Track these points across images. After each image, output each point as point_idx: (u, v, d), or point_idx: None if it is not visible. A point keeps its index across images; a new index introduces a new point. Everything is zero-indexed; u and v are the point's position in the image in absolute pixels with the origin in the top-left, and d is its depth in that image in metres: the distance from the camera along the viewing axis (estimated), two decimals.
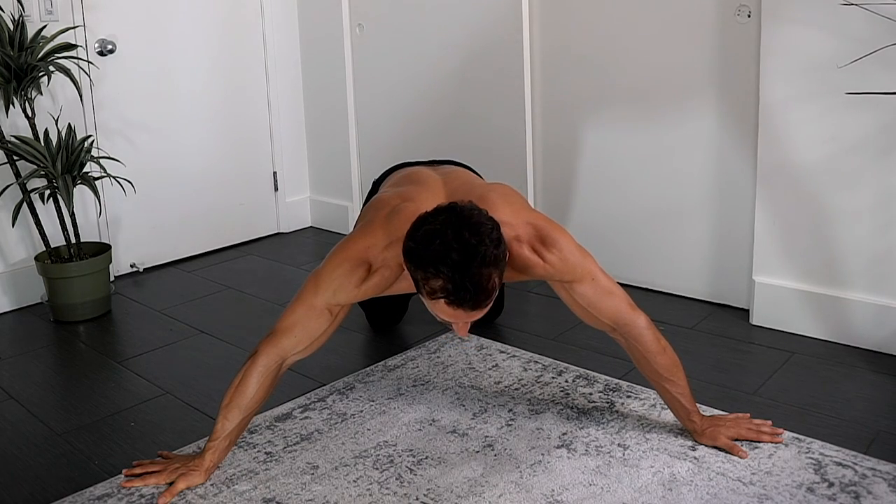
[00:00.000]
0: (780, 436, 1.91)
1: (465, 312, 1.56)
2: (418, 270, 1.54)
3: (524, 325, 2.73)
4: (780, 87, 2.45)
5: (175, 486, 1.79)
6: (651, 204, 2.93)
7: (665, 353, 1.86)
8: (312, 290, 1.81)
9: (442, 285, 1.51)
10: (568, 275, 1.81)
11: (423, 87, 3.53)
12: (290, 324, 1.81)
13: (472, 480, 1.81)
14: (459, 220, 1.54)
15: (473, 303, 1.53)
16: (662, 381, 1.87)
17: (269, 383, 1.82)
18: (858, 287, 2.42)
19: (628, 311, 1.84)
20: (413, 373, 2.37)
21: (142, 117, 3.44)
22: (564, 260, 1.79)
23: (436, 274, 1.51)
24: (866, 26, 2.23)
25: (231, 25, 3.73)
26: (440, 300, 1.54)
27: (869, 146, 2.32)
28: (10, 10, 2.89)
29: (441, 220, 1.55)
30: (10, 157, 2.85)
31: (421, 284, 1.56)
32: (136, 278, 3.43)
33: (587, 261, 1.83)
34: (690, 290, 2.89)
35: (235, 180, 3.83)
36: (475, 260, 1.50)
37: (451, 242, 1.50)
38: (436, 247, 1.50)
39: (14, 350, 2.72)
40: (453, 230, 1.51)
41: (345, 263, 1.79)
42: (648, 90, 2.85)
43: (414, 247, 1.55)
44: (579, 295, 1.82)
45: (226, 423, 1.80)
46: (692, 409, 1.90)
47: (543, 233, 1.81)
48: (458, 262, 1.49)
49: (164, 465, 1.87)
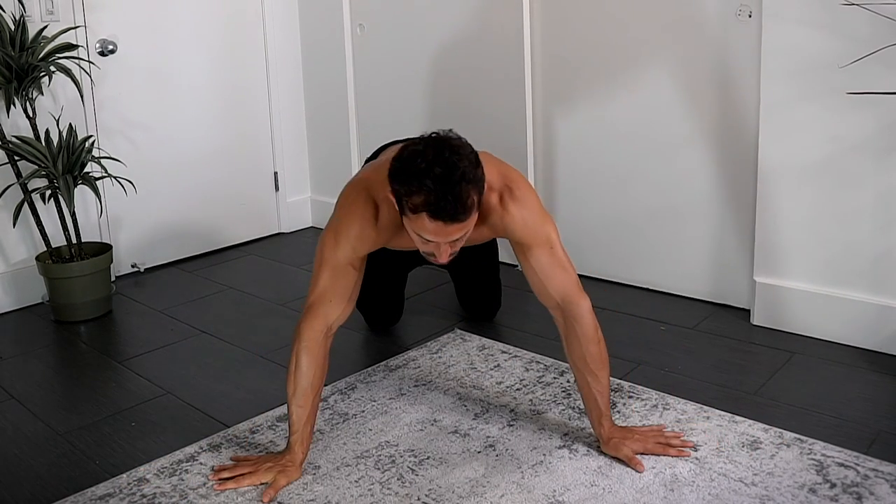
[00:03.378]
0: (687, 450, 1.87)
1: (444, 225, 1.62)
2: (402, 186, 1.62)
3: (526, 325, 2.73)
4: (780, 87, 2.45)
5: (277, 483, 1.79)
6: (651, 204, 2.93)
7: (599, 344, 1.86)
8: (332, 247, 1.85)
9: (424, 199, 1.59)
10: (525, 234, 1.85)
11: (424, 87, 3.53)
12: (321, 291, 1.85)
13: (473, 481, 1.81)
14: (441, 142, 1.65)
15: (453, 214, 1.61)
16: (587, 373, 1.85)
17: (323, 355, 1.85)
18: (859, 287, 2.42)
19: (576, 290, 1.87)
20: (415, 373, 2.37)
21: (143, 117, 3.44)
22: (524, 217, 1.84)
23: (419, 188, 1.59)
24: (867, 26, 2.23)
25: (232, 25, 3.73)
26: (422, 214, 1.61)
27: (869, 146, 2.32)
28: (12, 10, 2.89)
29: (424, 142, 1.66)
30: (11, 158, 2.85)
31: (404, 202, 1.64)
32: (136, 278, 3.43)
33: (547, 226, 1.87)
34: (691, 290, 2.89)
35: (236, 180, 3.84)
36: (455, 174, 1.59)
37: (433, 160, 1.59)
38: (418, 164, 1.60)
39: (15, 350, 2.72)
40: (435, 150, 1.62)
41: (353, 208, 1.85)
42: (648, 90, 2.85)
43: (398, 166, 1.64)
44: (535, 259, 1.86)
45: (300, 411, 1.81)
46: (605, 413, 1.87)
47: (512, 185, 1.86)
48: (441, 175, 1.58)
49: (254, 465, 1.84)
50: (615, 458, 1.86)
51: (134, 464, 1.95)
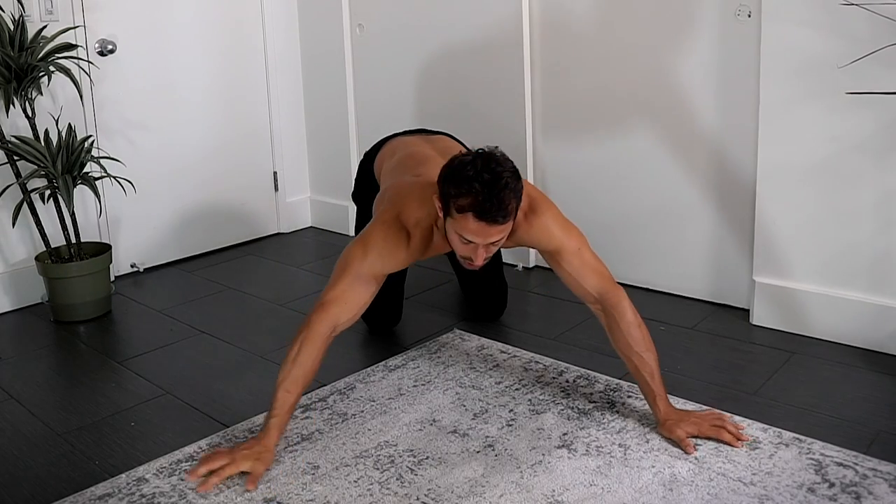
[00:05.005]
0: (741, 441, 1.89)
1: (487, 226, 1.78)
2: (452, 187, 1.79)
3: (525, 325, 2.73)
4: (780, 87, 2.45)
5: (257, 470, 1.81)
6: (651, 204, 2.93)
7: (640, 327, 1.97)
8: (360, 257, 1.95)
9: (472, 201, 1.76)
10: (553, 243, 2.01)
11: (424, 87, 3.53)
12: (339, 292, 1.93)
13: (472, 480, 1.81)
14: (488, 155, 1.82)
15: (496, 216, 1.77)
16: (633, 357, 1.95)
17: (322, 353, 1.92)
18: (859, 287, 2.42)
19: (610, 284, 2.01)
20: (414, 373, 2.37)
21: (142, 117, 3.44)
22: (549, 228, 2.01)
23: (469, 190, 1.76)
24: (866, 26, 2.23)
25: (231, 25, 3.73)
26: (468, 214, 1.77)
27: (869, 146, 2.32)
28: (11, 10, 2.89)
29: (473, 155, 1.83)
30: (10, 157, 2.85)
31: (451, 203, 1.80)
32: (136, 278, 3.43)
33: (572, 232, 2.03)
34: (691, 290, 2.89)
35: (236, 180, 3.83)
36: (501, 182, 1.76)
37: (481, 169, 1.77)
38: (468, 171, 1.78)
39: (14, 350, 2.72)
40: (483, 161, 1.80)
41: (388, 231, 1.98)
42: (649, 90, 2.85)
43: (450, 171, 1.82)
44: (567, 264, 2.02)
45: (287, 396, 1.87)
46: (658, 394, 1.93)
47: (534, 203, 2.02)
48: (488, 181, 1.75)
49: (228, 455, 1.83)
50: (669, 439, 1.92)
51: (133, 464, 1.95)
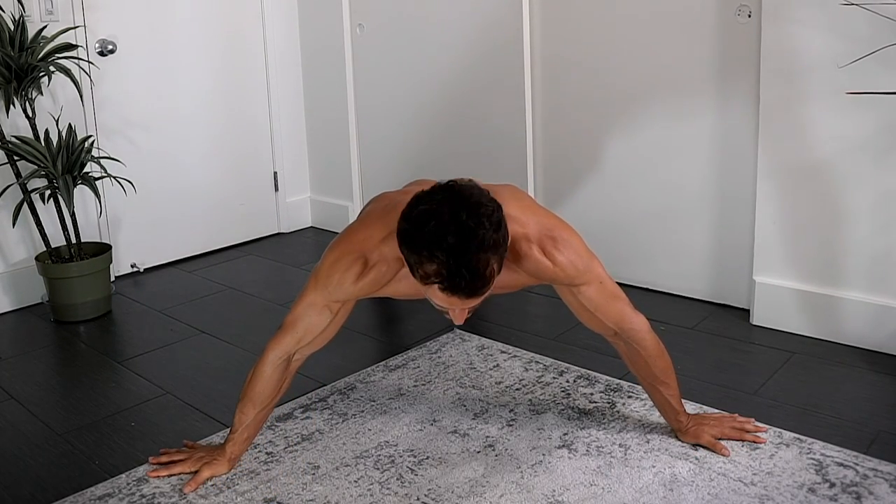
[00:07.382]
0: (762, 435, 1.91)
1: (460, 300, 1.45)
2: (412, 254, 1.44)
3: (525, 325, 2.73)
4: (780, 87, 2.45)
5: (200, 475, 1.84)
6: (651, 204, 2.93)
7: (663, 356, 1.86)
8: (313, 286, 1.79)
9: (436, 270, 1.40)
10: (576, 279, 1.74)
11: (424, 87, 3.53)
12: (292, 320, 1.81)
13: (472, 481, 1.81)
14: (457, 199, 1.42)
15: (469, 290, 1.42)
16: (658, 384, 1.87)
17: (279, 378, 1.85)
18: (859, 287, 2.42)
19: (630, 313, 1.81)
20: (414, 373, 2.37)
21: (142, 117, 3.44)
22: (573, 264, 1.71)
23: (430, 258, 1.40)
24: (866, 26, 2.23)
25: (231, 25, 3.73)
26: (434, 286, 1.44)
27: (869, 146, 2.32)
28: (11, 10, 2.89)
29: (438, 199, 1.42)
30: (10, 158, 2.85)
31: (415, 269, 1.46)
32: (136, 278, 3.43)
33: (594, 264, 1.76)
34: (691, 290, 2.89)
35: (236, 180, 3.83)
36: (472, 244, 1.38)
37: (447, 224, 1.38)
38: (430, 228, 1.39)
39: (14, 350, 2.72)
40: (450, 210, 1.39)
41: (342, 259, 1.72)
42: (649, 90, 2.85)
43: (408, 228, 1.43)
44: (586, 299, 1.76)
45: (242, 417, 1.86)
46: (680, 410, 1.91)
47: (553, 233, 1.71)
48: (454, 245, 1.37)
49: (189, 453, 1.91)
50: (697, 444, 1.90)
51: (133, 464, 1.95)
